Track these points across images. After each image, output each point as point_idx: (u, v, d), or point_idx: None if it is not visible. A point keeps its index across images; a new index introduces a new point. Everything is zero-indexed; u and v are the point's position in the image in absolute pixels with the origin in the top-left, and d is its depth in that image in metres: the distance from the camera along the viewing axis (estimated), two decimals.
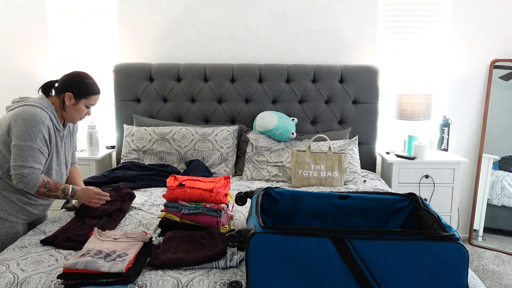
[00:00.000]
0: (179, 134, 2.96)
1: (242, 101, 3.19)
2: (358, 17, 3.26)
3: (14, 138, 1.86)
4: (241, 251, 1.61)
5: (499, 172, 3.27)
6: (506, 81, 3.25)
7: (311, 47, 3.30)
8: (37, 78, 3.37)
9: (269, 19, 3.28)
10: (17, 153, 1.85)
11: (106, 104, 3.38)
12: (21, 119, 1.86)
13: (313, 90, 3.15)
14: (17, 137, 1.85)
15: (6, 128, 1.89)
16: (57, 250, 1.72)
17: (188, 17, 3.29)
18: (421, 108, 3.01)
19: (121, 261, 1.47)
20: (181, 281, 1.47)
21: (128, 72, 3.18)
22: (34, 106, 1.90)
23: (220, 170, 2.92)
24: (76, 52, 3.34)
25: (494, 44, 3.27)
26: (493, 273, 2.87)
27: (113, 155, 3.39)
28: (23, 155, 1.85)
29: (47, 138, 1.93)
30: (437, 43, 3.29)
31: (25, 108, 1.89)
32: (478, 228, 3.34)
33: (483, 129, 3.31)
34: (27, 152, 1.85)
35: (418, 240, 1.30)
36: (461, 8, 3.23)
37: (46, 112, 1.94)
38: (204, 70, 3.18)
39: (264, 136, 3.00)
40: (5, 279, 1.48)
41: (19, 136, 1.85)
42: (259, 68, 3.18)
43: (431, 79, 3.33)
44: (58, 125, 2.01)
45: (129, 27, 3.31)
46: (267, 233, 1.36)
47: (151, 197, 2.45)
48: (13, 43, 3.34)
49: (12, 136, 1.87)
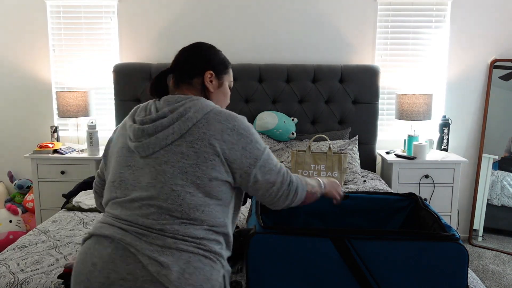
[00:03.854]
0: None
1: (242, 101, 3.19)
2: (358, 17, 3.26)
3: (252, 154, 1.25)
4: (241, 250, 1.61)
5: (499, 172, 3.27)
6: (506, 81, 3.25)
7: (311, 47, 3.30)
8: (37, 78, 3.37)
9: (269, 19, 3.28)
10: (267, 163, 1.27)
11: (106, 104, 3.39)
12: (240, 129, 1.25)
13: (313, 90, 3.15)
14: (255, 149, 1.26)
15: (214, 151, 1.21)
16: (57, 250, 1.72)
17: (188, 17, 3.29)
18: (421, 108, 3.01)
19: None
20: None
21: (128, 72, 3.18)
22: (221, 109, 1.29)
23: None
24: (76, 52, 3.34)
25: (494, 44, 3.27)
26: (493, 273, 2.88)
27: None
28: (273, 159, 1.31)
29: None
30: (437, 43, 3.29)
31: (226, 115, 1.27)
32: (478, 228, 3.34)
33: (483, 129, 3.31)
34: (271, 154, 1.32)
35: (418, 240, 1.31)
36: (461, 8, 3.23)
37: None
38: None
39: (264, 136, 3.00)
40: (5, 279, 1.48)
41: (256, 147, 1.26)
42: (259, 68, 3.18)
43: (431, 79, 3.33)
44: None
45: (129, 27, 3.31)
46: (267, 233, 1.36)
47: None
48: (14, 43, 3.34)
49: (245, 153, 1.24)
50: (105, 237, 1.16)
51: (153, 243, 1.12)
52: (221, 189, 1.21)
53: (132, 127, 1.27)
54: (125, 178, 1.24)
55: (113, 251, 1.12)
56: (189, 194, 1.17)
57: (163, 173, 1.18)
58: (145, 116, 1.27)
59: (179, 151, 1.19)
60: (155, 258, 1.09)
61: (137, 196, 1.19)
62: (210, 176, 1.19)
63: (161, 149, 1.20)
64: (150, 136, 1.22)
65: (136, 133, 1.24)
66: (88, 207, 2.23)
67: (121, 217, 1.18)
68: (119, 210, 1.21)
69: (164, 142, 1.20)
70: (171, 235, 1.13)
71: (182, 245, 1.13)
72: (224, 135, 1.22)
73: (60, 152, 3.06)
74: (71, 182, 2.98)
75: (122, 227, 1.16)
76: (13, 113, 3.42)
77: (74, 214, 2.17)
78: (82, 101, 3.15)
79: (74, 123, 3.38)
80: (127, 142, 1.28)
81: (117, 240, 1.13)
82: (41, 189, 3.06)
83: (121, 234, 1.14)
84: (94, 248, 1.15)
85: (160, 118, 1.24)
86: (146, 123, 1.25)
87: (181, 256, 1.12)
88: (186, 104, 1.25)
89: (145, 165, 1.21)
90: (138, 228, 1.14)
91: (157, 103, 1.30)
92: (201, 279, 1.11)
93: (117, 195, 1.24)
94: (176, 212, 1.15)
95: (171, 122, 1.22)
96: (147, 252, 1.10)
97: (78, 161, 3.03)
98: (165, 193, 1.16)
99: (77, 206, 2.24)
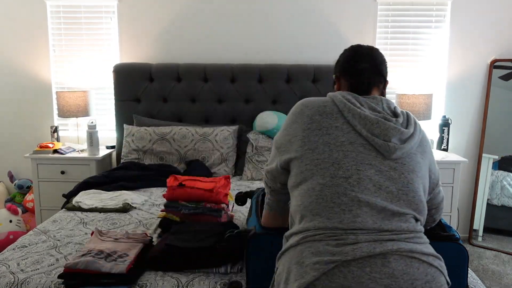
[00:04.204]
0: (179, 134, 2.96)
1: (242, 101, 3.19)
2: (358, 17, 3.26)
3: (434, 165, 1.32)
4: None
5: (499, 172, 3.27)
6: (506, 81, 3.25)
7: (311, 47, 3.30)
8: (37, 78, 3.37)
9: (269, 20, 3.28)
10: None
11: (106, 104, 3.39)
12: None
13: (313, 90, 3.15)
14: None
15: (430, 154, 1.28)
16: (57, 250, 1.72)
17: (188, 17, 3.29)
18: (421, 108, 3.01)
19: (122, 261, 1.48)
20: (181, 281, 1.47)
21: (128, 72, 3.17)
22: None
23: (220, 170, 2.92)
24: (76, 52, 3.34)
25: (494, 44, 3.27)
26: (493, 273, 2.88)
27: (113, 155, 3.39)
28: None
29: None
30: (437, 43, 3.28)
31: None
32: (478, 228, 3.34)
33: (483, 129, 3.31)
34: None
35: None
36: (461, 8, 3.23)
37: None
38: (204, 70, 3.18)
39: (264, 136, 3.00)
40: (5, 279, 1.48)
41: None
42: (259, 68, 3.18)
43: (431, 79, 3.33)
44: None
45: (129, 27, 3.31)
46: (267, 234, 1.36)
47: (151, 197, 2.45)
48: (14, 43, 3.33)
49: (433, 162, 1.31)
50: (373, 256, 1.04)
51: (417, 242, 1.10)
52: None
53: (380, 121, 1.18)
54: (365, 177, 1.13)
55: (393, 264, 1.04)
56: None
57: (411, 181, 1.16)
58: (379, 113, 1.21)
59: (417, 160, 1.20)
60: (431, 254, 1.10)
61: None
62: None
63: (407, 156, 1.18)
64: (402, 139, 1.18)
65: (389, 132, 1.17)
66: (88, 207, 2.23)
67: (379, 229, 1.08)
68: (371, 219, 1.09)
69: (411, 149, 1.19)
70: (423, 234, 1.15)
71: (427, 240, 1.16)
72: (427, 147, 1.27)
73: (60, 152, 3.06)
74: (71, 182, 2.98)
75: (383, 238, 1.07)
76: (13, 113, 3.42)
77: (74, 214, 2.17)
78: (82, 101, 3.15)
79: (74, 123, 3.38)
80: (361, 137, 1.17)
81: (391, 253, 1.05)
82: (41, 189, 3.06)
83: (391, 244, 1.07)
84: (364, 273, 1.02)
85: (395, 118, 1.22)
86: (389, 120, 1.19)
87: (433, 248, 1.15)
88: (397, 109, 1.26)
89: (392, 168, 1.15)
90: (399, 234, 1.10)
91: (369, 100, 1.25)
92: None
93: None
94: (421, 217, 1.18)
95: (411, 127, 1.21)
96: (424, 250, 1.09)
97: (78, 161, 3.03)
98: (416, 203, 1.15)
99: (77, 206, 2.24)
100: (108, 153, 3.23)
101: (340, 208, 1.09)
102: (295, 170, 1.20)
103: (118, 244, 1.61)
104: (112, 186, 2.55)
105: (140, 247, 1.60)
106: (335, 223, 1.08)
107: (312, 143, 1.18)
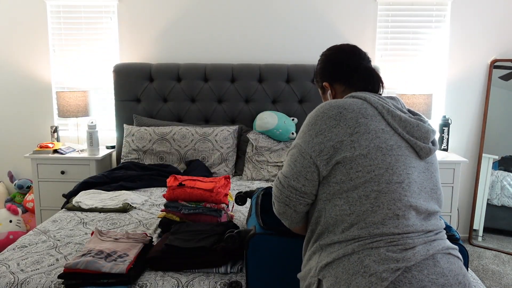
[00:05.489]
0: (179, 134, 2.96)
1: (242, 101, 3.19)
2: (358, 17, 3.26)
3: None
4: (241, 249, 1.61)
5: (499, 172, 3.27)
6: (506, 81, 3.25)
7: (311, 47, 3.30)
8: (37, 78, 3.37)
9: (269, 19, 3.28)
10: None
11: (106, 104, 3.39)
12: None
13: (313, 90, 3.15)
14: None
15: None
16: (57, 250, 1.72)
17: (188, 17, 3.29)
18: (421, 108, 3.01)
19: (122, 261, 1.48)
20: (181, 281, 1.47)
21: (128, 72, 3.17)
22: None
23: (220, 170, 2.92)
24: (76, 52, 3.34)
25: (494, 44, 3.27)
26: (493, 273, 2.88)
27: (113, 155, 3.39)
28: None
29: None
30: (437, 43, 3.28)
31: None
32: (478, 228, 3.34)
33: (483, 129, 3.31)
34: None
35: None
36: (461, 8, 3.23)
37: None
38: (204, 70, 3.18)
39: (264, 136, 3.00)
40: (5, 279, 1.48)
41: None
42: (259, 68, 3.18)
43: (431, 79, 3.33)
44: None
45: (129, 27, 3.31)
46: (267, 234, 1.36)
47: (151, 197, 2.45)
48: (14, 43, 3.34)
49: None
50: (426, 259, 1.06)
51: (446, 238, 1.16)
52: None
53: (419, 125, 1.19)
54: (413, 180, 1.14)
55: (441, 263, 1.07)
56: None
57: (438, 180, 1.21)
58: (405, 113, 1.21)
59: (435, 160, 1.24)
60: (455, 247, 1.14)
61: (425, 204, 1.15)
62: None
63: (432, 156, 1.23)
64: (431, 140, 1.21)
65: (428, 134, 1.20)
66: (88, 207, 2.23)
67: (420, 229, 1.10)
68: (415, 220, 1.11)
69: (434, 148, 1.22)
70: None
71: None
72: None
73: (60, 152, 3.06)
74: (71, 182, 2.98)
75: (430, 239, 1.10)
76: (13, 113, 3.42)
77: (74, 214, 2.17)
78: (82, 101, 3.15)
79: (74, 123, 3.38)
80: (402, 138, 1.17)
81: (437, 253, 1.08)
82: (41, 189, 3.06)
83: (436, 244, 1.10)
84: (424, 276, 1.02)
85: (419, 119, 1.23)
86: (424, 122, 1.22)
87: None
88: (410, 109, 1.28)
89: (426, 169, 1.19)
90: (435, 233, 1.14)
91: (392, 100, 1.24)
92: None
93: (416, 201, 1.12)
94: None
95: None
96: (452, 246, 1.14)
97: (78, 161, 3.03)
98: (441, 200, 1.21)
99: (77, 206, 2.24)
100: (108, 153, 3.23)
101: (394, 214, 1.08)
102: (339, 176, 1.13)
103: (118, 244, 1.61)
104: (112, 186, 2.55)
105: (140, 247, 1.60)
106: (391, 229, 1.07)
107: (363, 148, 1.12)
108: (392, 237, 1.06)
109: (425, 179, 1.16)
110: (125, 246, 1.59)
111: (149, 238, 1.68)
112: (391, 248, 1.04)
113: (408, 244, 1.05)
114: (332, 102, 1.20)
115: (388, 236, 1.06)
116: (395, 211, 1.08)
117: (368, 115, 1.16)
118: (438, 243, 1.10)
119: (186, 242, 1.58)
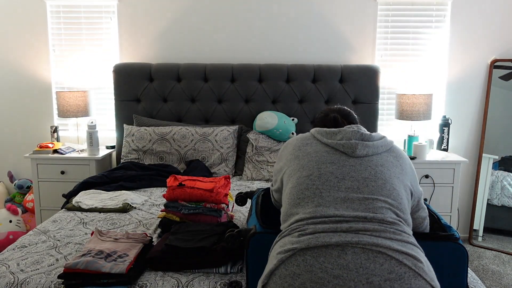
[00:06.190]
0: (179, 134, 2.96)
1: (242, 101, 3.19)
2: (358, 17, 3.26)
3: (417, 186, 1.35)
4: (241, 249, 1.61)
5: (499, 172, 3.27)
6: (506, 81, 3.25)
7: (311, 47, 3.30)
8: (37, 78, 3.37)
9: (269, 19, 3.28)
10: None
11: (106, 104, 3.39)
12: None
13: (313, 90, 3.15)
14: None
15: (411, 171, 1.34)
16: (57, 250, 1.72)
17: (188, 17, 3.29)
18: (421, 108, 3.01)
19: (122, 261, 1.48)
20: (181, 281, 1.47)
21: (128, 72, 3.17)
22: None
23: (220, 170, 2.92)
24: (76, 52, 3.34)
25: (494, 44, 3.27)
26: (493, 273, 2.88)
27: (113, 155, 3.39)
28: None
29: None
30: (437, 43, 3.28)
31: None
32: (478, 228, 3.34)
33: (483, 129, 3.31)
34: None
35: (418, 240, 1.30)
36: (461, 8, 3.23)
37: None
38: (204, 70, 3.18)
39: (264, 136, 3.00)
40: (5, 279, 1.48)
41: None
42: (259, 68, 3.18)
43: (431, 79, 3.33)
44: None
45: (129, 27, 3.31)
46: (267, 233, 1.36)
47: (151, 197, 2.45)
48: (14, 43, 3.34)
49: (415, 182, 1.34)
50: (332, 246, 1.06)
51: (389, 238, 1.07)
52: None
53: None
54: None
55: (349, 256, 1.03)
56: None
57: (380, 172, 1.24)
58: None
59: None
60: (404, 252, 1.05)
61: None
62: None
63: (374, 154, 1.30)
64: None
65: (350, 134, 1.34)
66: (88, 207, 2.23)
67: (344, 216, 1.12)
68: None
69: (377, 149, 1.31)
70: (403, 230, 1.12)
71: (412, 239, 1.12)
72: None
73: (60, 152, 3.06)
74: (71, 182, 2.98)
75: (342, 229, 1.09)
76: (13, 113, 3.42)
77: (74, 214, 2.17)
78: (82, 101, 3.15)
79: (74, 123, 3.38)
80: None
81: (351, 245, 1.05)
82: (41, 189, 3.06)
83: (350, 236, 1.07)
84: (317, 262, 1.03)
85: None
86: (350, 127, 1.36)
87: (417, 250, 1.09)
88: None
89: (358, 164, 1.28)
90: (378, 224, 1.10)
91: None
92: (433, 272, 1.08)
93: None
94: (398, 210, 1.17)
95: (375, 134, 1.36)
96: (394, 247, 1.05)
97: (78, 161, 3.03)
98: (388, 189, 1.19)
99: (77, 206, 2.24)
100: (108, 153, 3.23)
101: (304, 202, 1.18)
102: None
103: (118, 244, 1.61)
104: (112, 186, 2.55)
105: (140, 247, 1.60)
106: (301, 215, 1.16)
107: (289, 161, 1.34)
108: (299, 223, 1.15)
109: (352, 170, 1.21)
110: (125, 246, 1.59)
111: (149, 238, 1.68)
112: (294, 234, 1.13)
113: (309, 229, 1.10)
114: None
115: (297, 223, 1.16)
116: (304, 199, 1.19)
117: (302, 139, 1.39)
118: (354, 236, 1.06)
119: (186, 242, 1.58)
